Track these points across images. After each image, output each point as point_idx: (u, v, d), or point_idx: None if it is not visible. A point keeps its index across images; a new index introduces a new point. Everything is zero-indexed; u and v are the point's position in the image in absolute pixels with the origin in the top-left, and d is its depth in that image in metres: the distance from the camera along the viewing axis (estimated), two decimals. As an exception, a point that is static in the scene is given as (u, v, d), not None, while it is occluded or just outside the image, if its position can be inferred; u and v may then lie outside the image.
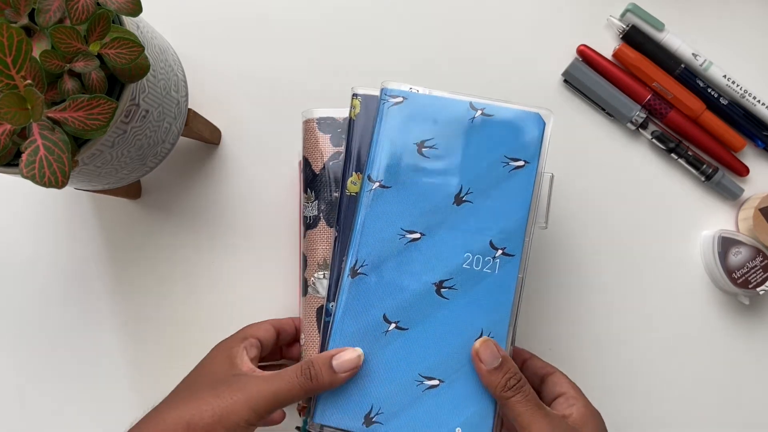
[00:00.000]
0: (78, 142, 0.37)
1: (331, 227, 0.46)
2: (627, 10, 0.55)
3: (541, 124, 0.44)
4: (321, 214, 0.46)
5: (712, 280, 0.55)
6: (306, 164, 0.47)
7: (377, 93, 0.44)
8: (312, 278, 0.45)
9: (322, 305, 0.45)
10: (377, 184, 0.43)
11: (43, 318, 0.54)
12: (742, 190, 0.55)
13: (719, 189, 0.55)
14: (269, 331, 0.46)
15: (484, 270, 0.42)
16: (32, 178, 0.33)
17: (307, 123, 0.47)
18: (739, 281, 0.53)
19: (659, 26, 0.55)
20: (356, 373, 0.41)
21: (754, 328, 0.55)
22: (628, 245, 0.55)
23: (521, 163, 0.43)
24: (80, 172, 0.41)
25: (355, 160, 0.44)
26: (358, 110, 0.44)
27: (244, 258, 0.54)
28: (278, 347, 0.49)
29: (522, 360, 0.46)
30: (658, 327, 0.55)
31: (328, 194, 0.46)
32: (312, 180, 0.46)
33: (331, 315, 0.42)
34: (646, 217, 0.55)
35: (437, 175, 0.43)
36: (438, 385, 0.41)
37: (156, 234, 0.54)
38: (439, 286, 0.42)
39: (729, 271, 0.53)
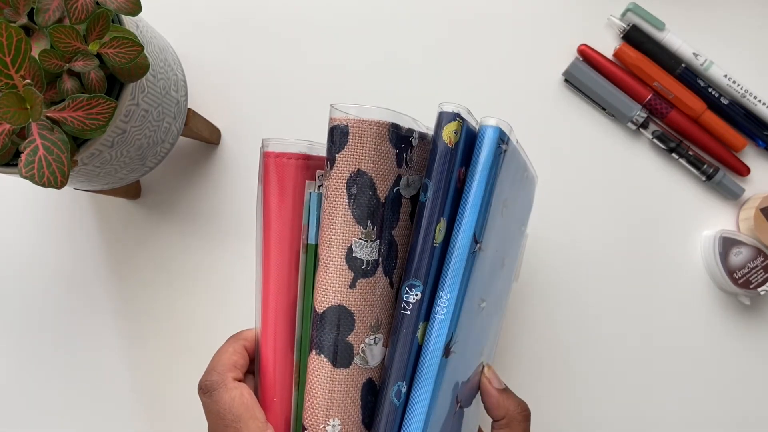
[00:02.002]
0: (77, 141, 0.37)
1: (386, 276, 0.34)
2: (627, 10, 0.55)
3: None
4: (380, 259, 0.34)
5: (712, 280, 0.55)
6: (365, 183, 0.33)
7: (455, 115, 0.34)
8: (362, 344, 0.34)
9: (369, 379, 0.34)
10: (478, 246, 0.34)
11: (43, 317, 0.54)
12: (743, 190, 0.55)
13: (720, 189, 0.55)
14: (246, 358, 0.37)
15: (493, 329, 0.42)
16: (31, 178, 0.33)
17: (370, 126, 0.32)
18: (740, 281, 0.53)
19: (660, 26, 0.55)
20: None
21: (754, 328, 0.55)
22: (628, 245, 0.55)
23: (525, 230, 0.44)
24: (79, 172, 0.40)
25: (442, 202, 0.33)
26: (459, 138, 0.33)
27: (243, 258, 0.54)
28: None
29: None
30: (658, 327, 0.55)
31: (388, 233, 0.34)
32: (376, 210, 0.33)
33: (401, 398, 0.33)
34: (646, 217, 0.55)
35: (501, 237, 0.37)
36: None
37: (155, 234, 0.54)
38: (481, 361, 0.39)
39: (730, 272, 0.53)
